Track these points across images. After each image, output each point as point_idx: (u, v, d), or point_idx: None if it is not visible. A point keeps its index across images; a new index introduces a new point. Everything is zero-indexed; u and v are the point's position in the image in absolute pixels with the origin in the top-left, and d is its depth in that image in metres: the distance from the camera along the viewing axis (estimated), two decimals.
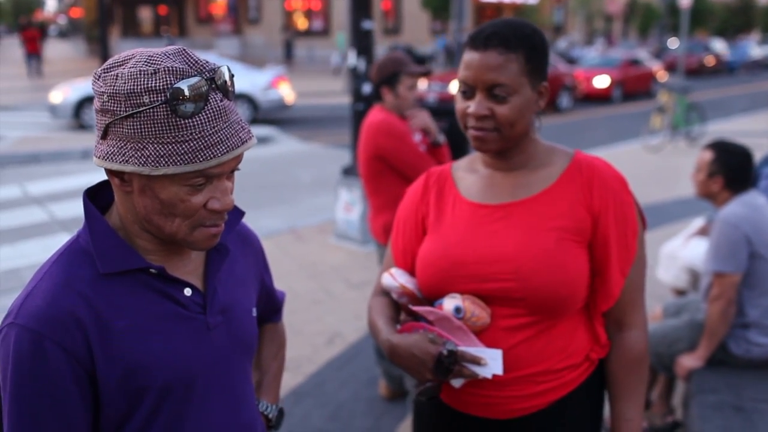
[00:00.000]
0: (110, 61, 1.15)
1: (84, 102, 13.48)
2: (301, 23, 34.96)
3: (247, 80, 14.64)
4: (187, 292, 1.24)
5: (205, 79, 1.10)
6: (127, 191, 1.16)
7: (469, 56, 1.52)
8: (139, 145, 1.09)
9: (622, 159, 10.89)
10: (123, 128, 1.09)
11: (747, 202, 3.09)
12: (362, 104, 6.83)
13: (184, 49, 1.13)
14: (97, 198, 1.27)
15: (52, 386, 1.13)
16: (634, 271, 1.62)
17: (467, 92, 1.55)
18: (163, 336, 1.20)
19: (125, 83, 1.08)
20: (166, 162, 1.09)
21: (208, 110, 1.10)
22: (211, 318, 1.27)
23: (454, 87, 16.56)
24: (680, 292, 4.27)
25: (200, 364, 1.25)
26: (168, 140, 1.09)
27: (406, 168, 3.35)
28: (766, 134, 13.02)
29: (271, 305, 1.62)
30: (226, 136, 1.12)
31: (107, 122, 1.11)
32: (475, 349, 1.50)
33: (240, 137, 1.14)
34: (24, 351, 1.12)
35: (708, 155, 3.19)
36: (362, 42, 6.90)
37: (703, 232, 4.42)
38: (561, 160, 1.64)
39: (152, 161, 1.09)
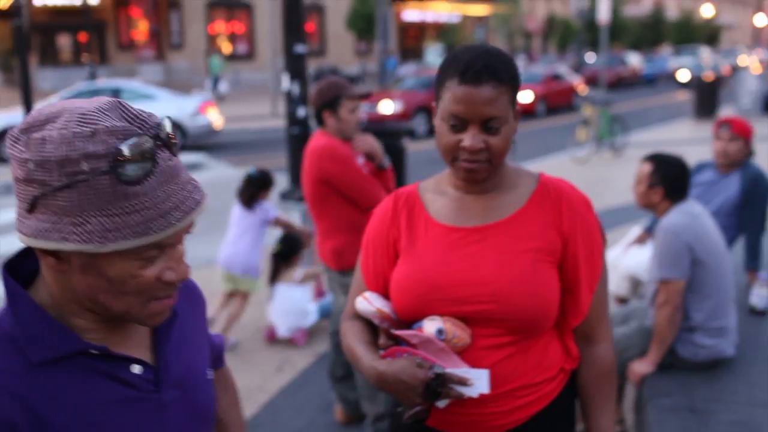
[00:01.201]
0: (29, 120, 0.97)
1: (3, 134, 13.05)
2: (225, 47, 34.70)
3: (174, 106, 14.45)
4: (136, 369, 1.08)
5: (150, 137, 0.96)
6: (63, 270, 0.99)
7: (462, 91, 1.51)
8: (80, 219, 0.94)
9: (553, 171, 11.12)
10: (57, 201, 0.94)
11: (686, 211, 3.20)
12: (297, 128, 6.81)
13: (119, 102, 1.00)
14: (17, 269, 1.09)
15: None
16: (600, 288, 1.67)
17: (457, 126, 1.54)
18: (115, 427, 1.05)
19: (56, 148, 0.92)
20: (114, 236, 0.94)
21: (158, 172, 0.97)
22: (166, 394, 1.12)
23: (384, 107, 16.73)
24: (622, 300, 4.38)
25: None
26: (115, 212, 0.94)
27: (352, 192, 3.35)
28: (685, 142, 13.56)
29: (213, 355, 1.44)
30: (180, 199, 0.99)
31: (35, 194, 0.95)
32: (462, 370, 1.52)
33: (194, 198, 1.01)
34: None
35: (647, 167, 3.29)
36: (296, 65, 6.89)
37: (640, 240, 4.56)
38: (528, 182, 1.67)
39: (97, 237, 0.94)
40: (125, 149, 0.94)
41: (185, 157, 13.42)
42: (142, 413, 1.08)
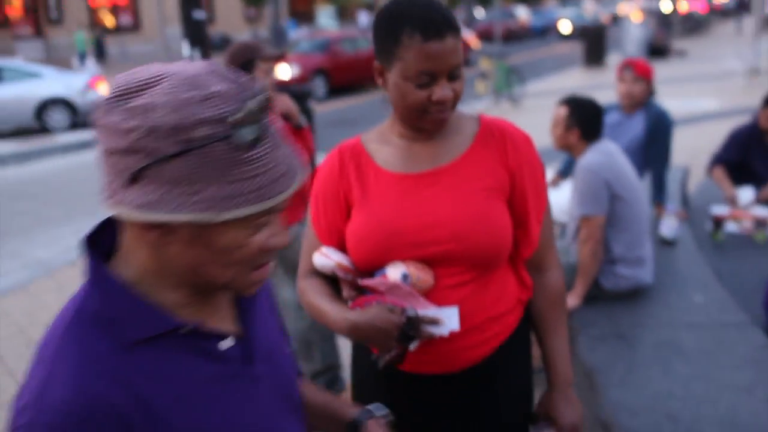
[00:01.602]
0: (120, 87, 0.92)
1: None
2: (109, 20, 33.21)
3: (62, 84, 13.83)
4: (226, 344, 1.05)
5: (257, 99, 0.93)
6: (166, 243, 0.95)
7: (429, 48, 1.51)
8: (194, 188, 0.89)
9: None
10: (168, 170, 0.89)
11: (602, 150, 3.36)
12: None
13: (216, 64, 0.96)
14: (96, 245, 1.03)
15: None
16: (546, 218, 1.76)
17: (426, 83, 1.56)
18: (213, 406, 1.00)
19: (167, 115, 0.88)
20: (231, 204, 0.90)
21: (269, 137, 0.94)
22: (257, 368, 1.08)
23: (281, 71, 16.44)
24: None
25: (254, 427, 1.06)
26: (231, 178, 0.90)
27: None
28: (578, 89, 14.04)
29: None
30: (288, 164, 0.96)
31: (140, 165, 0.89)
32: (433, 310, 1.57)
33: (298, 162, 0.98)
34: None
35: (563, 110, 3.43)
36: (195, 32, 6.69)
37: (553, 183, 4.75)
38: (470, 124, 1.73)
39: (214, 206, 0.90)
40: (239, 113, 0.90)
41: (78, 135, 12.90)
42: (237, 390, 1.04)
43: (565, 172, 4.78)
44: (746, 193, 5.30)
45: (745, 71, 15.29)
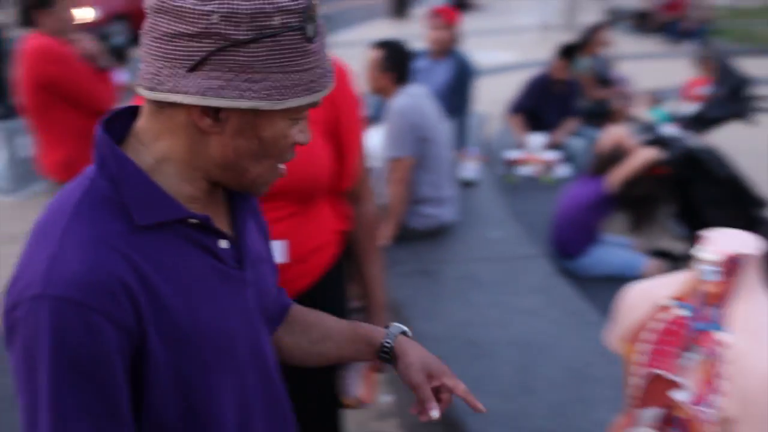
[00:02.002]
0: None
1: None
2: None
3: None
4: (223, 244, 1.05)
5: None
6: (214, 132, 0.95)
7: None
8: (259, 75, 0.91)
9: None
10: (238, 57, 0.89)
11: (411, 93, 3.51)
12: None
13: None
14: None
15: (104, 370, 0.91)
16: (362, 151, 1.82)
17: None
18: (210, 300, 1.02)
19: (244, 2, 0.88)
20: (290, 93, 0.93)
21: (321, 32, 0.96)
22: (247, 273, 1.09)
23: (80, 13, 15.29)
24: None
25: (240, 328, 1.08)
26: (294, 68, 0.93)
27: (78, 94, 3.16)
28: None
29: None
30: (330, 62, 1.00)
31: (209, 50, 0.89)
32: None
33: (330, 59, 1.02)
34: (67, 329, 0.88)
35: (378, 53, 3.52)
36: None
37: None
38: None
39: (276, 93, 0.92)
40: (311, 5, 0.92)
41: None
42: (230, 290, 1.05)
43: (375, 117, 4.92)
44: (537, 139, 5.75)
45: (538, 26, 16.34)
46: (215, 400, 1.02)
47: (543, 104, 5.98)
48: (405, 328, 1.35)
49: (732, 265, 1.46)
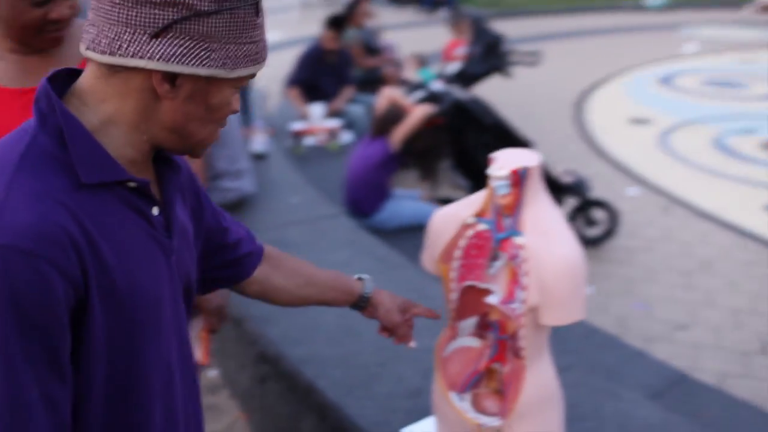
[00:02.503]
0: None
1: None
2: None
3: None
4: (155, 210, 1.07)
5: None
6: (168, 97, 0.99)
7: None
8: (216, 45, 0.97)
9: None
10: (200, 26, 0.95)
11: None
12: None
13: None
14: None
15: (49, 319, 0.92)
16: None
17: (43, 1, 1.47)
18: (144, 262, 1.04)
19: None
20: (239, 63, 1.00)
21: (263, 7, 1.04)
22: (174, 241, 1.11)
23: None
24: None
25: (167, 294, 1.10)
26: (245, 40, 1.00)
27: None
28: None
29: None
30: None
31: (173, 18, 0.94)
32: None
33: None
34: (16, 277, 0.88)
35: None
36: None
37: None
38: (78, 28, 1.69)
39: (229, 63, 0.99)
40: None
41: None
42: (161, 256, 1.07)
43: None
44: (317, 109, 5.93)
45: (300, 4, 16.56)
46: (143, 361, 1.05)
47: (318, 75, 6.16)
48: (371, 278, 1.57)
49: (517, 178, 1.69)
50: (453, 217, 1.86)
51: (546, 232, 1.71)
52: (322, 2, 17.91)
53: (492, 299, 1.79)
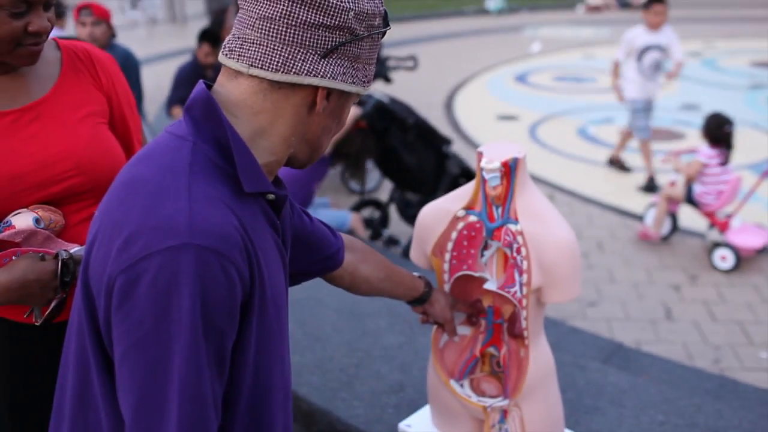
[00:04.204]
0: None
1: None
2: None
3: None
4: (278, 222, 1.12)
5: None
6: (321, 111, 1.06)
7: None
8: (362, 65, 1.07)
9: None
10: (355, 49, 1.05)
11: None
12: None
13: None
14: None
15: (230, 321, 0.94)
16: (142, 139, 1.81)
17: (23, 11, 1.43)
18: (275, 273, 1.07)
19: (367, 4, 1.04)
20: (371, 80, 1.11)
21: None
22: (286, 254, 1.17)
23: None
24: None
25: (285, 305, 1.14)
26: (374, 61, 1.11)
27: None
28: None
29: None
30: None
31: (341, 41, 1.02)
32: (77, 247, 1.50)
33: None
34: (211, 277, 0.89)
35: None
36: None
37: None
38: (51, 51, 1.64)
39: (366, 81, 1.09)
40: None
41: None
42: (282, 265, 1.12)
43: None
44: None
45: (146, 21, 16.03)
46: (272, 373, 1.07)
47: None
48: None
49: (508, 169, 1.80)
50: (442, 212, 1.94)
51: (541, 218, 1.83)
52: (167, 19, 17.46)
53: (489, 285, 1.88)
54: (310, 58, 1.01)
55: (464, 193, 1.93)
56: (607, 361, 2.86)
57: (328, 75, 1.02)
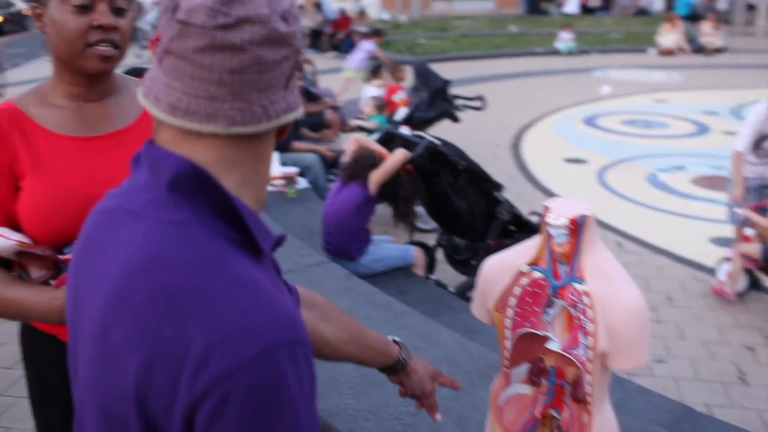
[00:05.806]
0: None
1: None
2: None
3: None
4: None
5: None
6: (270, 147, 0.97)
7: None
8: (293, 89, 0.97)
9: None
10: (294, 72, 0.96)
11: None
12: None
13: None
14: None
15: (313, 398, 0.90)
16: None
17: (86, 5, 1.46)
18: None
19: (297, 20, 0.96)
20: (298, 106, 0.99)
21: None
22: None
23: None
24: None
25: None
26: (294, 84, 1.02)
27: None
28: None
29: None
30: None
31: (292, 67, 0.94)
32: None
33: None
34: (306, 367, 0.85)
35: None
36: None
37: None
38: (134, 84, 1.69)
39: (296, 107, 0.97)
40: None
41: None
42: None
43: None
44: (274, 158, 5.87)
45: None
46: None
47: None
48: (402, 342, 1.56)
49: (576, 226, 1.73)
50: (506, 266, 1.88)
51: (608, 279, 1.75)
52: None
53: (552, 345, 1.81)
54: (280, 95, 0.92)
55: (529, 247, 1.87)
56: (675, 427, 2.72)
57: (294, 105, 0.94)
